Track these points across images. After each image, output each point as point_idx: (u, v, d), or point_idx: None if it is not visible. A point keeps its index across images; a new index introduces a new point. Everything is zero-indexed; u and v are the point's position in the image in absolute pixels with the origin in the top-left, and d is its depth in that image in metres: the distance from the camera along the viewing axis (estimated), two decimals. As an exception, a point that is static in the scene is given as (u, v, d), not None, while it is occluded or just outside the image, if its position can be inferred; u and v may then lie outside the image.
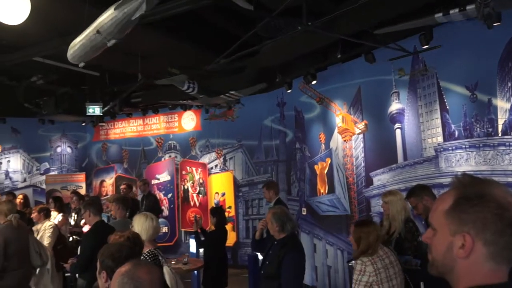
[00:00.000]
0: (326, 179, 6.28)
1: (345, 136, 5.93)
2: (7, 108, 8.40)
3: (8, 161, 9.56)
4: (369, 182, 5.50)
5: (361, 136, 5.68)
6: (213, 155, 8.62)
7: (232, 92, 5.09)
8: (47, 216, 5.46)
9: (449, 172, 4.40)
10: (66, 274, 5.74)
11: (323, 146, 6.37)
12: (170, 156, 9.23)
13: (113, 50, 5.96)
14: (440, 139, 4.59)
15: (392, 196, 3.69)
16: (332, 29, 4.70)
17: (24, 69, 6.68)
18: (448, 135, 4.50)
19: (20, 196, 7.06)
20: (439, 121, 4.62)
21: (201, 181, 8.66)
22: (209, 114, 8.70)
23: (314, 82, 6.09)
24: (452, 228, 1.02)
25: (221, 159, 8.50)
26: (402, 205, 3.59)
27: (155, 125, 9.54)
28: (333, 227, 6.12)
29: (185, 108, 8.72)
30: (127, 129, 9.92)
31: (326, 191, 6.26)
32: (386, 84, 5.23)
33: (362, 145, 5.65)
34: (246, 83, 7.51)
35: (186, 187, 8.86)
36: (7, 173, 9.51)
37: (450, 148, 4.47)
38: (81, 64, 4.48)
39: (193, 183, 8.78)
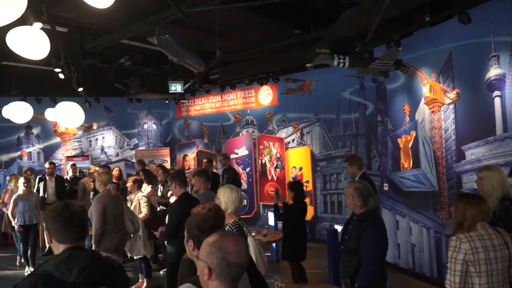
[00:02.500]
0: (410, 153, 5.91)
1: (433, 107, 5.49)
2: (100, 88, 9.15)
3: (103, 137, 10.50)
4: (460, 156, 5.05)
5: (451, 106, 5.20)
6: (290, 129, 8.58)
7: (384, 61, 4.79)
8: (140, 187, 5.92)
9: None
10: (156, 241, 6.23)
11: (407, 118, 5.97)
12: (247, 131, 9.39)
13: (190, 28, 6.14)
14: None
15: (488, 171, 3.35)
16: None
17: (113, 51, 7.16)
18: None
19: (117, 169, 7.73)
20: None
21: (278, 155, 8.71)
22: (285, 88, 8.63)
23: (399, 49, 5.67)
24: None
25: (298, 133, 8.43)
26: (499, 182, 3.25)
27: (233, 101, 9.72)
28: (418, 204, 5.78)
29: (262, 83, 8.74)
30: (206, 105, 10.26)
31: (411, 165, 5.91)
32: (483, 47, 4.67)
33: (452, 116, 5.18)
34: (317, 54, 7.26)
35: (263, 161, 8.99)
36: (102, 148, 10.46)
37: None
38: None
39: (270, 157, 8.87)
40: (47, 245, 7.81)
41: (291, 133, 8.56)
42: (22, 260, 6.89)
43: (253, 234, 5.14)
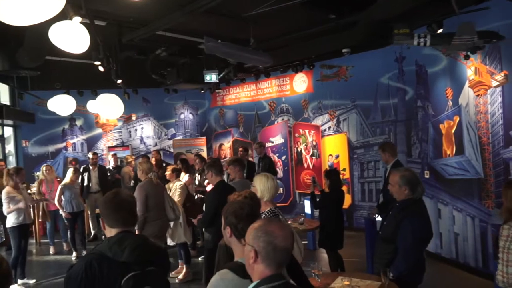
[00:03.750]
0: (453, 139, 5.65)
1: (478, 90, 5.20)
2: (138, 80, 9.38)
3: (142, 127, 10.80)
4: (508, 141, 4.78)
5: (499, 89, 4.91)
6: (326, 116, 8.44)
7: (464, 36, 4.55)
8: (178, 176, 6.05)
9: None
10: (195, 230, 6.37)
11: (450, 103, 5.71)
12: (282, 119, 9.34)
13: (224, 16, 6.14)
14: None
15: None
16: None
17: (149, 43, 7.29)
18: None
19: (154, 153, 7.95)
20: None
21: (314, 143, 8.61)
22: (320, 74, 8.47)
23: (440, 30, 5.41)
24: None
25: (334, 120, 8.28)
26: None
27: (267, 89, 9.68)
28: (462, 192, 5.54)
29: (297, 70, 8.63)
30: (241, 94, 10.28)
31: (454, 152, 5.66)
32: (535, 24, 4.36)
33: (500, 99, 4.89)
34: (358, 40, 7.05)
35: (299, 149, 8.93)
36: (141, 139, 10.77)
37: None
38: None
39: (306, 145, 8.79)
40: (92, 232, 8.20)
41: (327, 120, 8.43)
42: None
43: (289, 222, 5.16)
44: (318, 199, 5.22)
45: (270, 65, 8.62)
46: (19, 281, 5.73)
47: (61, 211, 6.92)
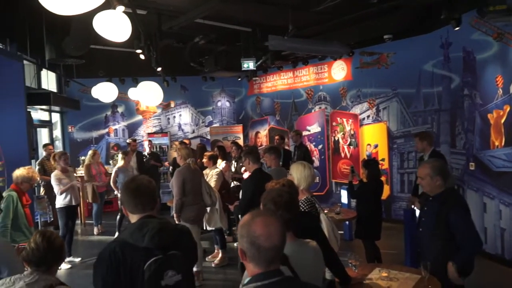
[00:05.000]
0: (503, 130, 5.35)
1: (532, 77, 4.88)
2: (176, 68, 9.53)
3: (180, 115, 11.02)
4: None
5: (555, 76, 4.58)
6: (365, 105, 8.23)
7: None
8: (215, 162, 6.14)
9: None
10: (231, 217, 6.46)
11: (500, 91, 5.39)
12: (320, 108, 9.21)
13: (262, 3, 6.08)
14: None
15: None
16: None
17: (188, 31, 7.36)
18: None
19: (186, 141, 8.12)
20: None
21: (352, 132, 8.44)
22: (360, 62, 8.24)
23: (491, 14, 5.09)
24: None
25: (374, 109, 8.06)
26: None
27: (305, 77, 9.55)
28: (510, 185, 5.26)
29: (335, 57, 8.44)
30: (278, 82, 10.22)
31: (503, 143, 5.36)
32: None
33: (556, 87, 4.57)
34: (401, 25, 6.79)
35: (336, 138, 8.79)
36: (179, 125, 11.00)
37: None
38: None
39: (343, 134, 8.63)
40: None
41: (366, 109, 8.22)
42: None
43: (325, 211, 5.11)
44: (355, 189, 5.13)
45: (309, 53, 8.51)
46: (66, 259, 6.06)
47: (116, 192, 7.25)
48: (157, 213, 2.09)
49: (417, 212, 4.74)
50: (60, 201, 5.92)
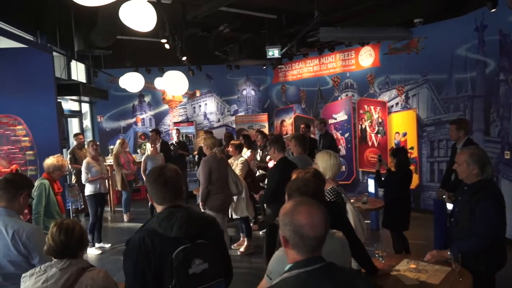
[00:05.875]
0: (541, 117, 5.09)
1: None
2: (201, 57, 9.55)
3: (205, 104, 11.07)
4: None
5: None
6: (394, 92, 8.00)
7: None
8: (240, 151, 6.15)
9: None
10: (256, 205, 6.48)
11: (539, 76, 5.11)
12: (346, 95, 9.03)
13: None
14: None
15: None
16: None
17: (213, 20, 7.34)
18: None
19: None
20: None
21: (380, 120, 8.24)
22: (388, 48, 7.99)
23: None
24: None
25: (403, 96, 7.83)
26: None
27: (331, 64, 9.37)
28: (548, 175, 5.02)
29: (363, 43, 8.21)
30: (303, 69, 10.07)
31: (541, 131, 5.10)
32: None
33: None
34: (432, 7, 6.51)
35: (363, 126, 8.61)
36: (205, 114, 11.06)
37: None
38: None
39: (371, 122, 8.44)
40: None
41: (395, 96, 7.99)
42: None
43: (352, 201, 5.03)
44: (383, 178, 5.02)
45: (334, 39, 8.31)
46: (97, 245, 6.27)
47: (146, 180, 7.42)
48: (183, 201, 2.09)
49: (449, 205, 4.61)
50: (90, 188, 6.11)
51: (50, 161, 4.40)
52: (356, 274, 1.67)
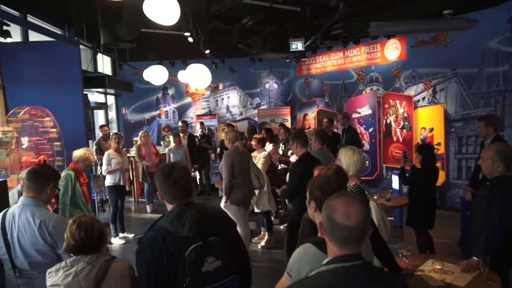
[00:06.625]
0: None
1: None
2: (224, 50, 9.54)
3: (228, 97, 11.09)
4: None
5: None
6: (420, 86, 7.78)
7: None
8: (263, 145, 6.13)
9: None
10: (278, 199, 6.46)
11: None
12: (371, 89, 8.85)
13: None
14: None
15: None
16: None
17: (236, 12, 7.31)
18: None
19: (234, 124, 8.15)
20: None
21: (405, 115, 8.04)
22: (416, 40, 7.76)
23: None
24: None
25: (430, 90, 7.60)
26: None
27: (356, 57, 9.19)
28: None
29: (389, 36, 8.00)
30: (327, 63, 9.93)
31: None
32: None
33: None
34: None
35: (388, 121, 8.43)
36: (227, 108, 11.08)
37: None
38: None
39: (396, 117, 8.25)
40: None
41: (422, 90, 7.77)
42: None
43: (375, 197, 4.94)
44: (408, 175, 4.90)
45: (361, 32, 8.15)
46: (120, 235, 6.41)
47: None
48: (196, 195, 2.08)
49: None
50: (109, 180, 6.24)
51: (77, 152, 4.51)
52: (396, 277, 1.66)
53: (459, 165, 7.22)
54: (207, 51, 7.65)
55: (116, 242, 6.26)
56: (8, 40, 5.43)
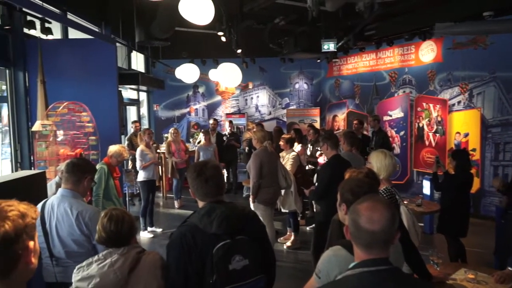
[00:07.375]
0: None
1: None
2: (256, 49, 9.58)
3: (257, 96, 11.12)
4: None
5: None
6: (456, 90, 7.54)
7: None
8: (292, 146, 6.12)
9: None
10: (305, 200, 6.43)
11: None
12: (404, 92, 8.65)
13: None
14: None
15: None
16: None
17: (268, 12, 7.32)
18: None
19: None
20: None
21: (439, 119, 7.82)
22: (453, 42, 7.53)
23: None
24: None
25: (466, 94, 7.36)
26: None
27: (389, 59, 9.01)
28: None
29: (424, 37, 7.80)
30: (359, 64, 9.78)
31: None
32: None
33: None
34: (500, 0, 6.03)
35: (421, 125, 8.22)
36: (256, 107, 11.12)
37: None
38: None
39: (429, 121, 8.04)
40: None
41: (457, 94, 7.53)
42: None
43: (405, 202, 4.84)
44: (440, 181, 4.77)
45: (395, 33, 7.99)
46: (149, 229, 6.56)
47: None
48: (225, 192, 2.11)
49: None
50: (143, 175, 6.38)
51: (113, 148, 4.66)
52: (426, 284, 1.64)
53: (495, 172, 6.95)
54: (239, 51, 7.70)
55: (145, 235, 6.41)
56: (50, 37, 5.67)
